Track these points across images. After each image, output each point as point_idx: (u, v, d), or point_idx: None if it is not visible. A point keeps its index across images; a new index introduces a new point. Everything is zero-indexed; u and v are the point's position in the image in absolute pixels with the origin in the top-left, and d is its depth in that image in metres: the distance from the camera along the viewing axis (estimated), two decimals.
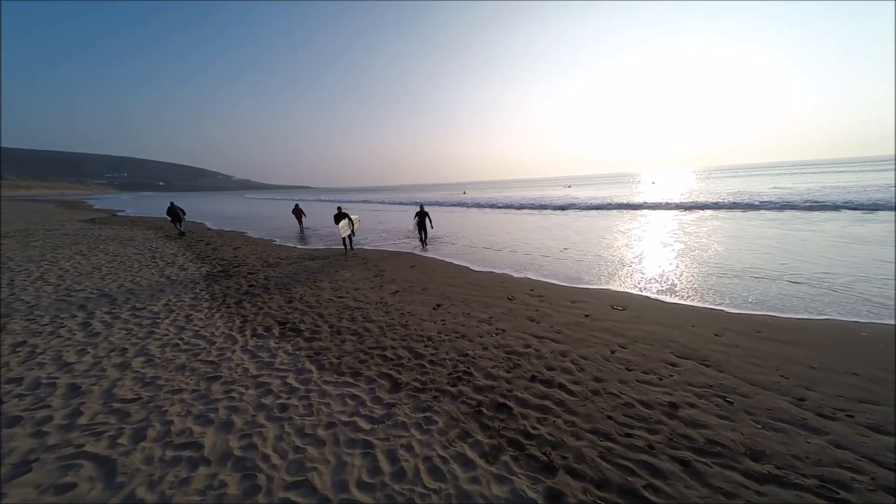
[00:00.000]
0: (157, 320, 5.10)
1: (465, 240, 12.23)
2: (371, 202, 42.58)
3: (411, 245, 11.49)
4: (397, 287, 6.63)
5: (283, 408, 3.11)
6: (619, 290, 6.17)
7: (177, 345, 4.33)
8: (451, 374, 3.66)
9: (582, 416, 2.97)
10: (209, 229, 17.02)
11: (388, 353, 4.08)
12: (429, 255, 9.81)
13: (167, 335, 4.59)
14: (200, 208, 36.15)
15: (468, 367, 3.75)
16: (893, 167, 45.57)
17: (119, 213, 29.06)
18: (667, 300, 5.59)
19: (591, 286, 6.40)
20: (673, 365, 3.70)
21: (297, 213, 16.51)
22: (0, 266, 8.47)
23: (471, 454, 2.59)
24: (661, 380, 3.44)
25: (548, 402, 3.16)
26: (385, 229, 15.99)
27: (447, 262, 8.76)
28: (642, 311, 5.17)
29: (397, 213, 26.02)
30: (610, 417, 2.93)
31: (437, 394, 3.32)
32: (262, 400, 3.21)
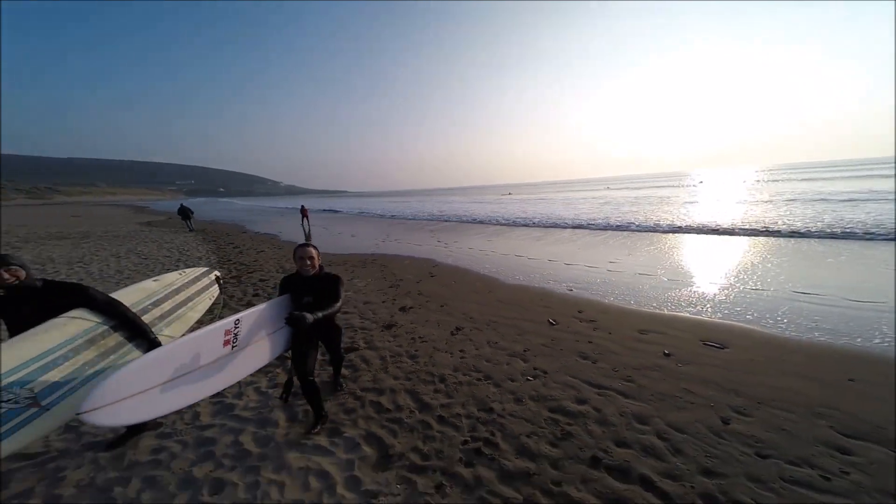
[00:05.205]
0: None
1: (492, 245, 10.96)
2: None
3: (428, 246, 10.40)
4: (412, 301, 5.57)
5: (218, 486, 2.16)
6: (710, 318, 4.53)
7: None
8: (466, 441, 2.51)
9: None
10: (244, 232, 17.31)
11: (385, 401, 3.01)
12: (450, 262, 8.68)
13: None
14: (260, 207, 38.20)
15: (492, 433, 2.58)
16: None
17: (172, 218, 31.32)
18: (794, 336, 3.92)
19: (664, 311, 4.87)
20: (843, 451, 2.25)
21: (303, 212, 18.41)
22: (45, 266, 8.73)
23: None
24: (829, 480, 2.03)
25: None
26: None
27: (472, 272, 7.54)
28: (756, 350, 3.62)
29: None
30: None
31: (442, 479, 2.19)
32: (193, 470, 2.29)
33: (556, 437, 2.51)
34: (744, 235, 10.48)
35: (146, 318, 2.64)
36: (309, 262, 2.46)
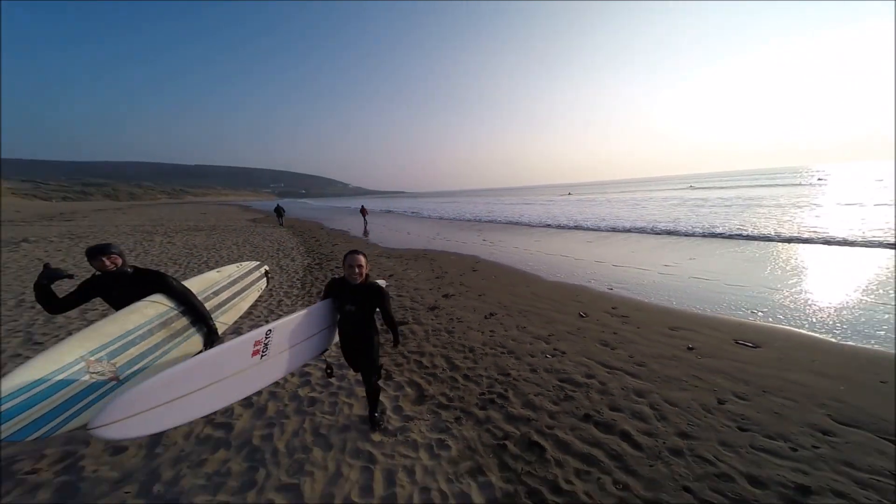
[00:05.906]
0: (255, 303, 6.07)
1: (538, 246, 11.17)
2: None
3: (473, 244, 11.06)
4: (454, 290, 6.39)
5: (312, 402, 3.21)
6: (755, 321, 4.49)
7: (256, 326, 5.03)
8: (483, 394, 3.22)
9: (644, 479, 2.19)
10: (322, 228, 20.03)
11: (425, 361, 3.87)
12: (493, 259, 9.27)
13: (259, 316, 5.42)
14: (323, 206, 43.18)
15: (505, 390, 3.24)
16: None
17: (269, 216, 37.01)
18: (845, 342, 3.80)
19: (706, 312, 4.88)
20: (825, 433, 2.45)
21: (363, 211, 21.43)
22: (191, 250, 11.67)
23: (477, 498, 2.15)
24: (796, 451, 2.30)
25: (597, 453, 2.45)
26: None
27: (513, 269, 8.09)
28: (789, 351, 3.66)
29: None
30: (687, 489, 2.08)
31: (461, 414, 2.95)
32: (298, 391, 3.39)
33: (558, 398, 3.08)
34: (854, 246, 8.94)
35: (207, 306, 2.84)
36: (357, 271, 2.39)
